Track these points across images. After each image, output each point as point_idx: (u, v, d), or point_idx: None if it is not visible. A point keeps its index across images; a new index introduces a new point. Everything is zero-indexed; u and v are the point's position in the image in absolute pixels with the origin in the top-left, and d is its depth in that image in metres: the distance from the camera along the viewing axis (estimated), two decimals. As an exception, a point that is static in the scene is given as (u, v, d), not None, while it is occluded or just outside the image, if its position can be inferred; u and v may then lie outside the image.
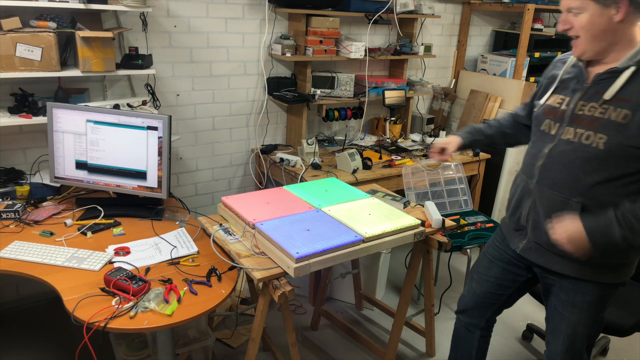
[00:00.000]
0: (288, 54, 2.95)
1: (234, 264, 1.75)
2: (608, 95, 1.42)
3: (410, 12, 3.30)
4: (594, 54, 1.46)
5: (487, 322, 1.95)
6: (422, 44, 3.45)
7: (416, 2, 3.31)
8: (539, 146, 1.59)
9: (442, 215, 2.06)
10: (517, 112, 1.88)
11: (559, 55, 1.69)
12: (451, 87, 4.01)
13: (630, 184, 1.44)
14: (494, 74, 3.85)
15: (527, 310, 2.93)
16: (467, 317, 1.97)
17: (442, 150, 1.92)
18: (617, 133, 1.39)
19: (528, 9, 3.51)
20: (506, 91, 3.66)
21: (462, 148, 1.93)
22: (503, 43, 4.08)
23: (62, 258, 1.76)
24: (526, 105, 1.83)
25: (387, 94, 3.30)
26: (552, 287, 1.67)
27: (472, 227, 2.85)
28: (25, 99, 2.29)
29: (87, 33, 2.21)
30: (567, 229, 1.46)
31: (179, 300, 1.58)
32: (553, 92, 1.60)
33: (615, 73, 1.43)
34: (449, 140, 1.93)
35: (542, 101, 1.63)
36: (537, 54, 3.89)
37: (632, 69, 1.39)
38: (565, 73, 1.59)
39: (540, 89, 1.72)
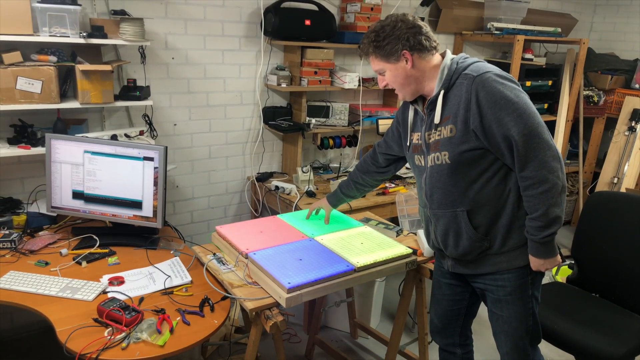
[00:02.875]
0: (283, 85, 3.02)
1: (227, 294, 1.76)
2: (436, 119, 1.65)
3: (403, 43, 3.38)
4: (411, 95, 1.72)
5: (461, 338, 2.03)
6: (415, 74, 3.52)
7: (408, 34, 3.39)
8: (419, 179, 1.82)
9: (433, 243, 2.08)
10: (379, 149, 2.09)
11: (401, 103, 1.90)
12: (444, 115, 4.07)
13: (491, 179, 1.64)
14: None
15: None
16: (441, 338, 2.05)
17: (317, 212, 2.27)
18: (451, 145, 1.63)
19: (518, 40, 3.61)
20: (498, 119, 3.71)
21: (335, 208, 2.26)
22: (495, 72, 4.16)
23: (56, 288, 1.77)
24: (386, 142, 2.04)
25: (381, 122, 3.35)
26: (484, 293, 1.81)
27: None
28: (25, 130, 2.34)
29: (86, 67, 2.28)
30: (539, 266, 1.67)
31: (171, 331, 1.59)
32: (412, 132, 1.82)
33: (433, 103, 1.66)
34: (322, 205, 2.25)
35: (408, 142, 1.84)
36: (528, 83, 3.98)
37: (441, 93, 1.63)
38: (412, 115, 1.82)
39: (404, 132, 1.89)
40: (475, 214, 1.67)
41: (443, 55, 1.68)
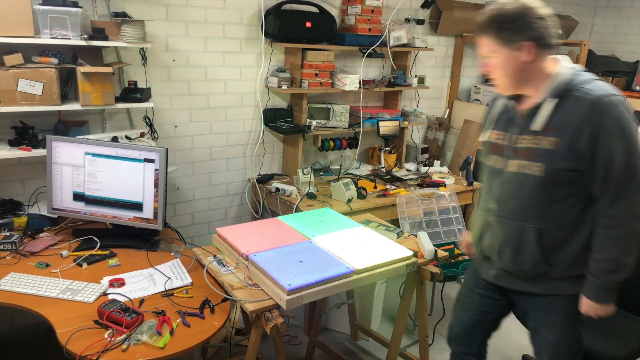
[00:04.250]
0: (284, 87, 3.02)
1: (227, 296, 1.76)
2: (536, 126, 1.54)
3: (404, 45, 3.39)
4: (512, 89, 1.60)
5: (478, 349, 1.98)
6: (415, 76, 3.53)
7: (409, 36, 3.40)
8: (491, 181, 1.71)
9: (436, 244, 2.08)
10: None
11: (495, 94, 1.80)
12: (445, 117, 4.08)
13: (575, 205, 1.55)
14: (487, 105, 3.92)
15: (522, 340, 2.91)
16: (458, 346, 2.00)
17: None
18: (550, 159, 1.51)
19: (518, 42, 3.60)
20: (499, 121, 3.72)
21: None
22: (495, 74, 4.16)
23: (57, 290, 1.77)
24: None
25: (382, 124, 3.36)
26: (528, 310, 1.74)
27: (466, 257, 2.86)
28: (26, 132, 2.34)
29: (87, 69, 2.28)
30: (591, 310, 1.59)
31: (171, 333, 1.59)
32: (493, 129, 1.72)
33: (537, 107, 1.55)
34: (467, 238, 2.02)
35: (485, 138, 1.75)
36: (528, 85, 3.97)
37: (549, 100, 1.52)
38: (500, 111, 1.72)
39: (482, 127, 1.83)
40: (545, 235, 1.58)
41: (555, 61, 1.57)
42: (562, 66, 1.56)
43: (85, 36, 2.26)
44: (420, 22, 3.53)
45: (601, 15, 4.92)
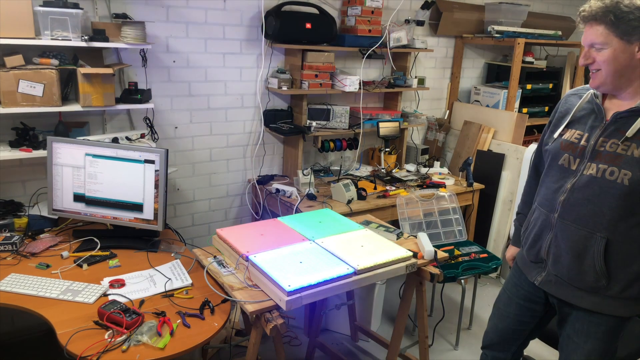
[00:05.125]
0: (284, 88, 3.03)
1: (227, 297, 1.76)
2: (630, 132, 1.45)
3: (404, 46, 3.40)
4: (611, 88, 1.50)
5: (513, 356, 1.94)
6: (415, 77, 3.54)
7: (409, 37, 3.41)
8: (559, 181, 1.60)
9: (436, 245, 2.09)
10: (536, 165, 1.88)
11: (571, 90, 1.72)
12: (445, 118, 4.08)
13: None
14: (487, 106, 3.93)
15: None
16: (493, 352, 1.97)
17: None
18: (639, 169, 1.42)
19: (518, 43, 3.62)
20: (499, 122, 3.73)
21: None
22: (495, 75, 4.18)
23: (57, 291, 1.78)
24: (539, 152, 1.83)
25: (382, 125, 3.36)
26: (568, 317, 1.68)
27: (466, 258, 2.86)
28: (26, 133, 2.35)
29: (88, 70, 2.29)
30: None
31: (172, 334, 1.59)
32: (567, 127, 1.63)
33: (636, 112, 1.46)
34: (513, 253, 1.98)
35: (556, 135, 1.65)
36: (529, 86, 3.98)
37: None
38: (579, 109, 1.62)
39: (551, 124, 1.73)
40: (613, 247, 1.50)
41: None
42: None
43: (86, 37, 2.27)
44: (420, 23, 3.53)
45: (601, 16, 4.91)
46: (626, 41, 1.41)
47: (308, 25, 2.96)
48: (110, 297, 1.76)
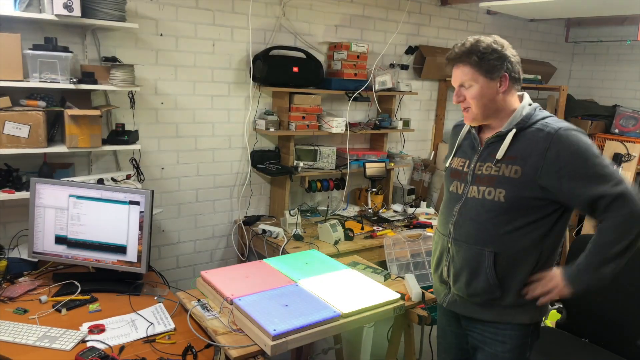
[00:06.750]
0: (272, 129, 3.06)
1: (211, 342, 1.72)
2: (499, 155, 1.61)
3: (389, 89, 3.48)
4: (483, 119, 1.68)
5: None
6: (400, 119, 3.61)
7: (394, 80, 3.50)
8: (450, 205, 1.74)
9: (423, 287, 2.07)
10: None
11: (456, 121, 1.87)
12: (431, 158, 4.14)
13: (533, 231, 1.60)
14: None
15: None
16: None
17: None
18: (512, 187, 1.57)
19: (500, 87, 3.72)
20: (483, 163, 3.78)
21: None
22: (479, 117, 4.26)
23: (34, 337, 1.71)
24: None
25: (368, 165, 3.39)
26: (477, 343, 1.75)
27: (454, 299, 2.83)
28: (10, 174, 2.32)
29: (75, 112, 2.30)
30: (555, 285, 1.60)
31: (151, 382, 1.53)
32: (455, 156, 1.79)
33: (501, 136, 1.63)
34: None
35: (447, 164, 1.81)
36: (511, 128, 4.07)
37: (513, 131, 1.60)
38: (462, 139, 1.79)
39: (448, 152, 1.88)
40: (502, 259, 1.62)
41: (520, 98, 1.68)
42: (526, 101, 1.67)
43: (74, 80, 2.29)
44: (404, 67, 3.64)
45: (578, 61, 5.11)
46: (489, 78, 1.60)
47: (295, 69, 3.02)
48: (89, 344, 1.69)
